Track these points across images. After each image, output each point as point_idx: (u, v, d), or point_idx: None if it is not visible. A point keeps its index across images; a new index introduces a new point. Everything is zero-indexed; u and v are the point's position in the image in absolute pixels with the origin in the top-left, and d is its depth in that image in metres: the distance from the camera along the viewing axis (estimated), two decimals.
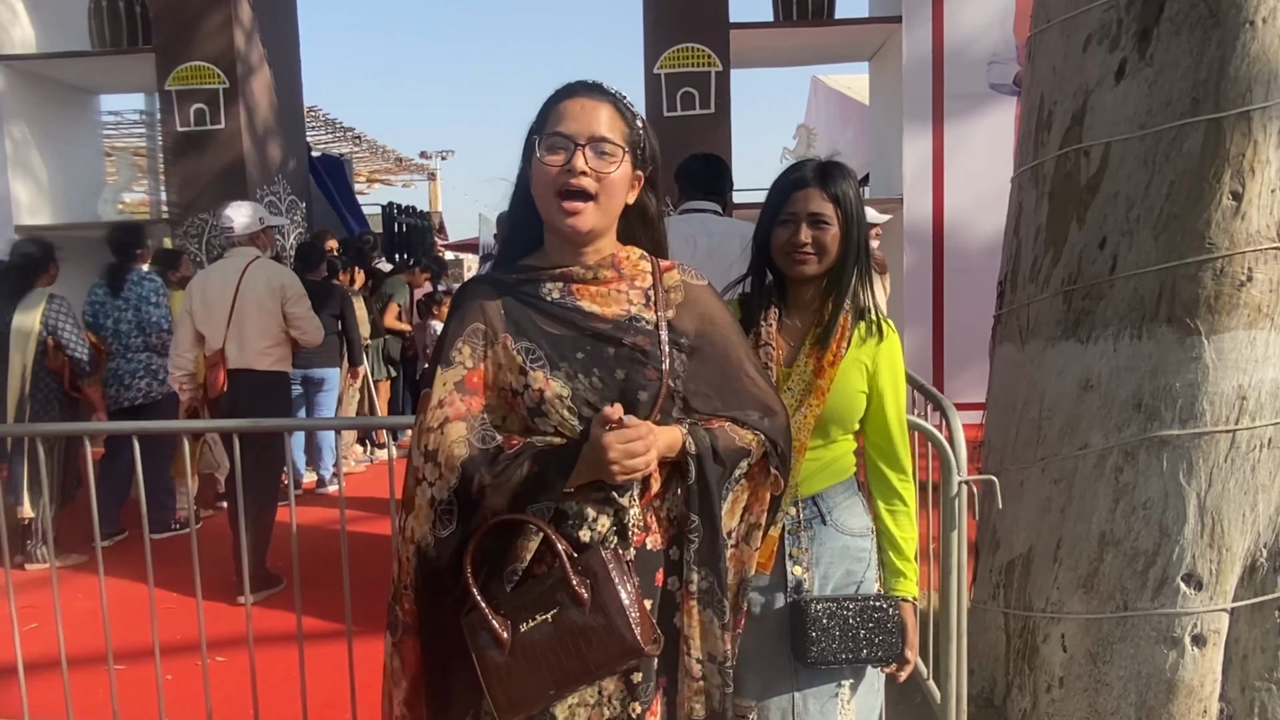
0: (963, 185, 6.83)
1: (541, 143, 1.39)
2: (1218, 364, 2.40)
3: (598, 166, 1.37)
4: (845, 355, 1.72)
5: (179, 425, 4.79)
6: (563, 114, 1.39)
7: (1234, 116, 2.37)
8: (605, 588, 1.31)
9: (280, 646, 3.26)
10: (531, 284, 1.44)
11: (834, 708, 1.70)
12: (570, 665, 1.32)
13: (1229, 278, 2.39)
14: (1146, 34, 2.47)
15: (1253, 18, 2.35)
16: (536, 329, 1.40)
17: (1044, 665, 2.65)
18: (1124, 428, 2.51)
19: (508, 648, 1.32)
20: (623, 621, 1.30)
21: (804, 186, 1.72)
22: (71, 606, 3.76)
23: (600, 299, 1.43)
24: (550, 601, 1.32)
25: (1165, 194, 2.45)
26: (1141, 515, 2.49)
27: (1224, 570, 2.44)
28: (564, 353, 1.39)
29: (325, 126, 13.16)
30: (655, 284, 1.47)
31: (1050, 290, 2.70)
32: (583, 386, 1.37)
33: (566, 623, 1.31)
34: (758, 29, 6.99)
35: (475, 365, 1.40)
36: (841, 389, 1.71)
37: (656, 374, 1.40)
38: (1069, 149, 2.65)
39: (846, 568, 1.73)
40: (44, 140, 7.54)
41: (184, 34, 6.91)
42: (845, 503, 1.76)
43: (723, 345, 1.49)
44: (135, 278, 5.02)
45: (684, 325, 1.46)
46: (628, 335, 1.41)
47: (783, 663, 1.69)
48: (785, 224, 1.72)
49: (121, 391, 4.92)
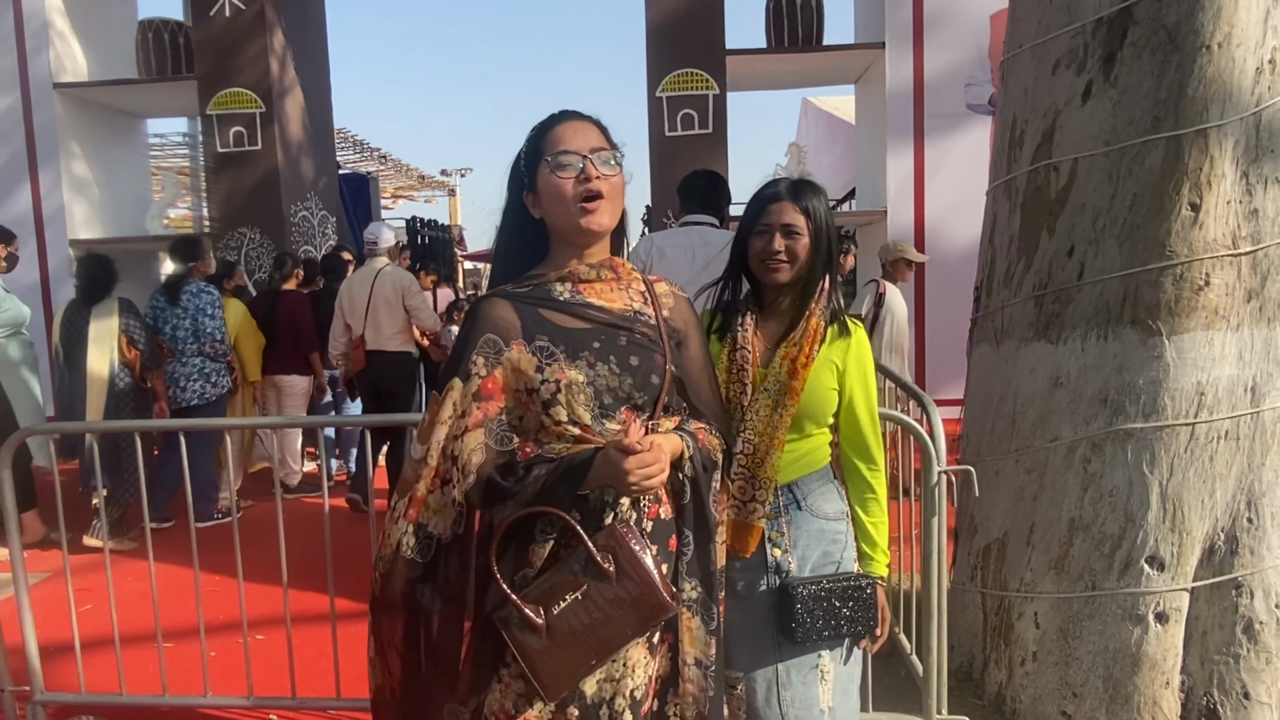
0: (942, 198, 6.83)
1: (551, 164, 1.42)
2: (1178, 362, 2.40)
3: (605, 172, 1.42)
4: (818, 355, 1.73)
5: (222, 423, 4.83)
6: (562, 136, 1.44)
7: (1192, 134, 2.37)
8: (629, 557, 1.33)
9: (315, 625, 3.27)
10: (542, 289, 1.46)
11: (814, 677, 1.71)
12: (608, 634, 1.33)
13: (1188, 283, 2.39)
14: (1111, 58, 2.47)
15: (1209, 42, 2.35)
16: (553, 326, 1.42)
17: (1018, 641, 2.65)
18: (1091, 421, 2.51)
19: (544, 632, 1.33)
20: (650, 584, 1.33)
21: (778, 200, 1.75)
22: (123, 589, 3.77)
23: (605, 295, 1.47)
24: (576, 582, 1.34)
25: (1129, 205, 2.45)
26: (1108, 502, 2.49)
27: (1184, 552, 2.44)
28: (582, 343, 1.41)
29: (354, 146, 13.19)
30: (649, 288, 1.53)
31: (1023, 295, 2.70)
32: (602, 373, 1.40)
33: (597, 597, 1.33)
34: (752, 55, 6.99)
35: (489, 373, 1.41)
36: (814, 387, 1.72)
37: (663, 359, 1.45)
38: (1040, 164, 2.65)
39: (823, 549, 1.74)
40: (96, 161, 7.58)
41: (224, 63, 6.94)
42: (820, 489, 1.77)
43: (694, 352, 1.57)
44: (194, 289, 5.06)
45: (675, 323, 1.53)
46: (635, 326, 1.45)
47: (767, 638, 1.70)
48: (761, 234, 1.74)
49: (177, 393, 4.97)
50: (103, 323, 4.67)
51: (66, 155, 7.23)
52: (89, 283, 4.75)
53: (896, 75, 6.83)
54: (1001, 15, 5.81)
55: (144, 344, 4.74)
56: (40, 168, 7.17)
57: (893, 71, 6.83)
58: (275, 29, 7.04)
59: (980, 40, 6.75)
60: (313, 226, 7.58)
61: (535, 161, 1.45)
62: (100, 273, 4.77)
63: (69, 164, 7.28)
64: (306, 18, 7.66)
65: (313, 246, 7.49)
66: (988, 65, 6.73)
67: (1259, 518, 2.43)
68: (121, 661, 2.78)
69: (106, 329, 4.67)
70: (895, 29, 6.81)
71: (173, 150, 11.23)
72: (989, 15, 6.68)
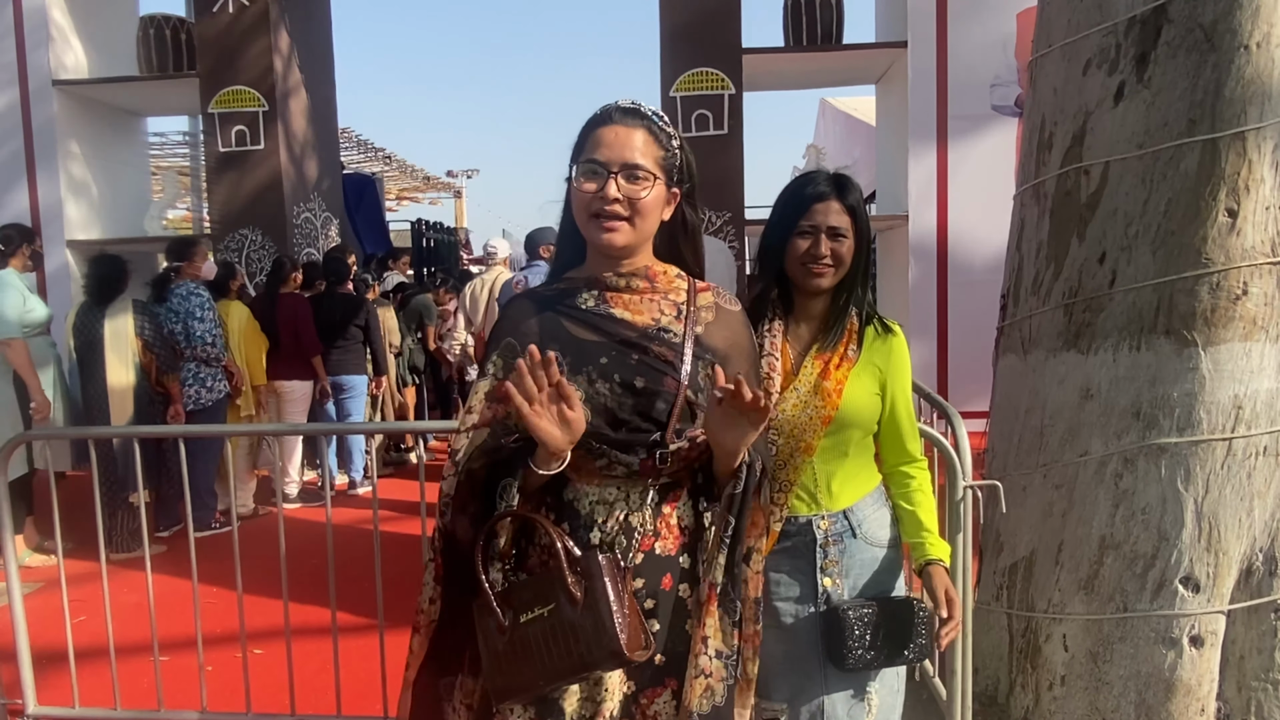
0: (966, 202, 6.81)
1: (579, 169, 1.41)
2: (1214, 374, 2.39)
3: (630, 192, 1.38)
4: (859, 359, 1.69)
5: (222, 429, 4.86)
6: (599, 141, 1.40)
7: (1229, 137, 2.36)
8: (598, 590, 1.30)
9: (315, 639, 3.28)
10: (570, 294, 1.45)
11: (861, 711, 1.67)
12: (558, 660, 1.31)
13: (1225, 291, 2.38)
14: (1144, 58, 2.47)
15: (1247, 42, 2.34)
16: (566, 335, 1.42)
17: (1046, 664, 2.63)
18: (1123, 435, 2.50)
19: (506, 635, 1.33)
20: (609, 625, 1.28)
21: (824, 199, 1.68)
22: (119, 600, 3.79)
23: (632, 307, 1.44)
24: (550, 596, 1.33)
25: (1163, 211, 2.44)
26: (1140, 520, 2.47)
27: (1220, 573, 2.42)
28: (587, 358, 1.40)
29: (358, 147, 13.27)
30: (689, 300, 1.47)
31: (1052, 303, 2.69)
32: (601, 392, 1.38)
33: (559, 619, 1.31)
34: (769, 54, 7.00)
35: (505, 376, 1.41)
36: (856, 393, 1.68)
37: (676, 384, 1.39)
38: (1069, 168, 2.64)
39: (876, 579, 1.71)
40: (95, 160, 7.65)
41: (226, 60, 7.00)
42: (874, 515, 1.73)
43: (739, 373, 1.50)
44: (184, 291, 5.09)
45: (712, 342, 1.45)
46: (653, 344, 1.41)
47: (812, 668, 1.67)
48: (805, 235, 1.68)
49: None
50: (118, 325, 4.69)
51: (65, 154, 7.29)
52: (101, 283, 4.76)
53: (919, 75, 6.82)
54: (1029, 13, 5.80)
55: (159, 347, 4.77)
56: (38, 166, 7.23)
57: (915, 71, 6.83)
58: (279, 26, 7.09)
59: (1007, 39, 6.74)
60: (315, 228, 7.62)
61: (577, 158, 1.43)
62: (112, 272, 4.78)
63: (67, 163, 7.34)
64: (311, 15, 7.72)
65: (315, 249, 7.53)
66: (1014, 65, 6.71)
67: None
68: (116, 674, 2.79)
69: (122, 332, 4.69)
70: (918, 27, 6.80)
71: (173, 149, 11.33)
72: (1016, 13, 6.66)
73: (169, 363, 4.80)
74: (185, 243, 5.58)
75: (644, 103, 1.44)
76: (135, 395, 4.70)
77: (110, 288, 4.75)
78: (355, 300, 6.11)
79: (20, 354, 4.43)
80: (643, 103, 1.44)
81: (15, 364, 4.44)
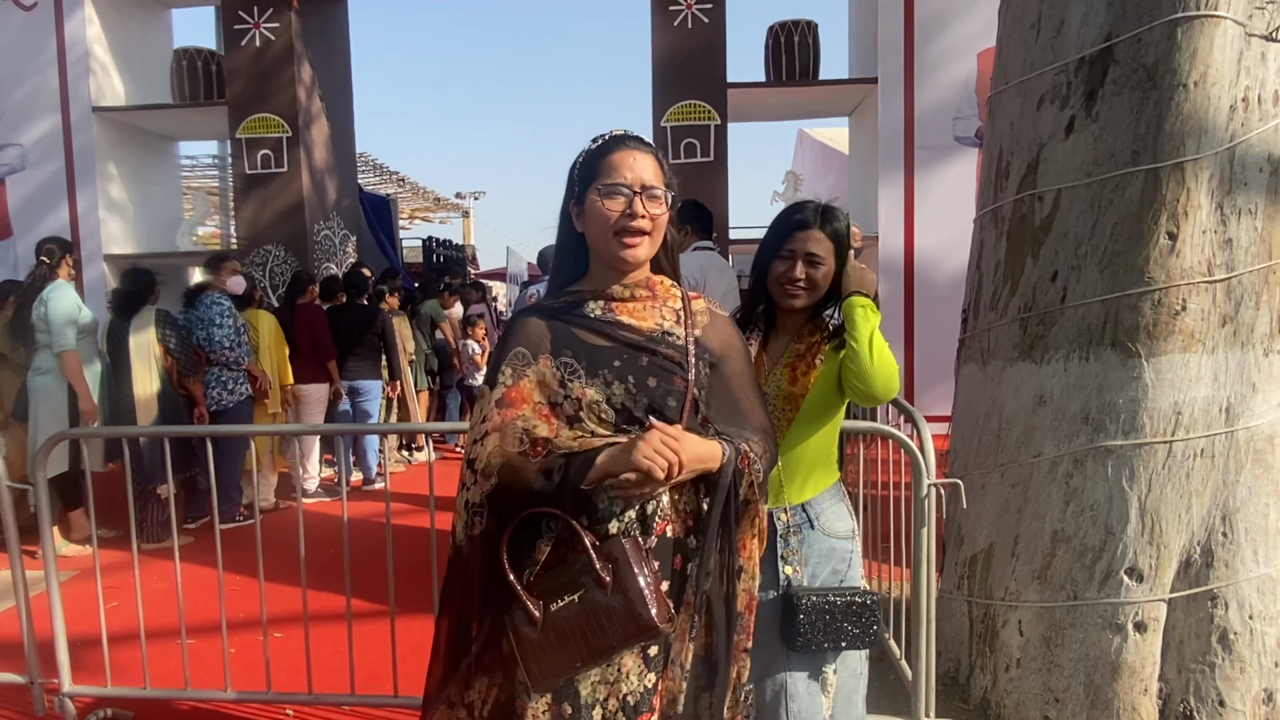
0: (931, 225, 6.85)
1: (602, 191, 1.41)
2: (1156, 383, 2.40)
3: (651, 210, 1.41)
4: (820, 368, 1.71)
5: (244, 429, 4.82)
6: (617, 165, 1.42)
7: (1169, 167, 2.38)
8: (625, 572, 1.31)
9: (331, 624, 3.26)
10: (577, 305, 1.46)
11: (818, 687, 1.69)
12: (595, 641, 1.32)
13: (1166, 307, 2.40)
14: (1093, 95, 2.49)
15: (1185, 81, 2.36)
16: (578, 342, 1.42)
17: (1003, 648, 2.64)
18: (1073, 438, 2.51)
19: (540, 625, 1.33)
20: (640, 602, 1.30)
21: (806, 227, 1.71)
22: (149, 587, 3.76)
23: (637, 314, 1.45)
24: (577, 584, 1.33)
25: (1109, 234, 2.46)
26: (1089, 516, 2.48)
27: (1162, 565, 2.43)
28: (602, 362, 1.40)
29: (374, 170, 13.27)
30: (685, 307, 1.49)
31: (1008, 317, 2.71)
32: (617, 392, 1.38)
33: (591, 603, 1.31)
34: (752, 88, 7.05)
35: (514, 383, 1.41)
36: (817, 392, 1.70)
37: (684, 383, 1.41)
38: (1025, 194, 2.66)
39: (832, 567, 1.73)
40: (130, 181, 7.63)
41: (253, 89, 7.01)
42: (831, 508, 1.75)
43: (735, 369, 1.50)
44: (208, 300, 5.08)
45: (709, 344, 1.48)
46: (660, 347, 1.42)
47: (775, 648, 1.68)
48: (784, 259, 1.71)
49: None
50: (140, 335, 4.69)
51: (103, 175, 7.28)
52: (122, 297, 4.79)
53: (888, 109, 6.87)
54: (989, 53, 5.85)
55: (179, 352, 4.75)
56: (78, 187, 7.22)
57: (885, 105, 6.87)
58: (303, 59, 7.10)
59: (968, 76, 6.80)
60: (334, 244, 7.62)
61: (588, 181, 1.44)
62: (133, 287, 4.79)
63: (105, 184, 7.32)
64: (332, 47, 7.73)
65: (334, 264, 7.52)
66: (975, 100, 6.76)
67: (1233, 532, 2.42)
68: (146, 657, 2.77)
69: (144, 341, 4.69)
70: (887, 65, 6.85)
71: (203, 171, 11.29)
72: (977, 53, 6.72)
73: (189, 366, 4.79)
74: (215, 258, 5.59)
75: (645, 136, 1.48)
76: (159, 398, 4.69)
77: (132, 302, 4.75)
78: (372, 311, 6.10)
79: (74, 364, 4.42)
80: (643, 136, 1.47)
81: (69, 374, 4.43)
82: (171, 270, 8.00)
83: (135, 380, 4.63)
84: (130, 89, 7.56)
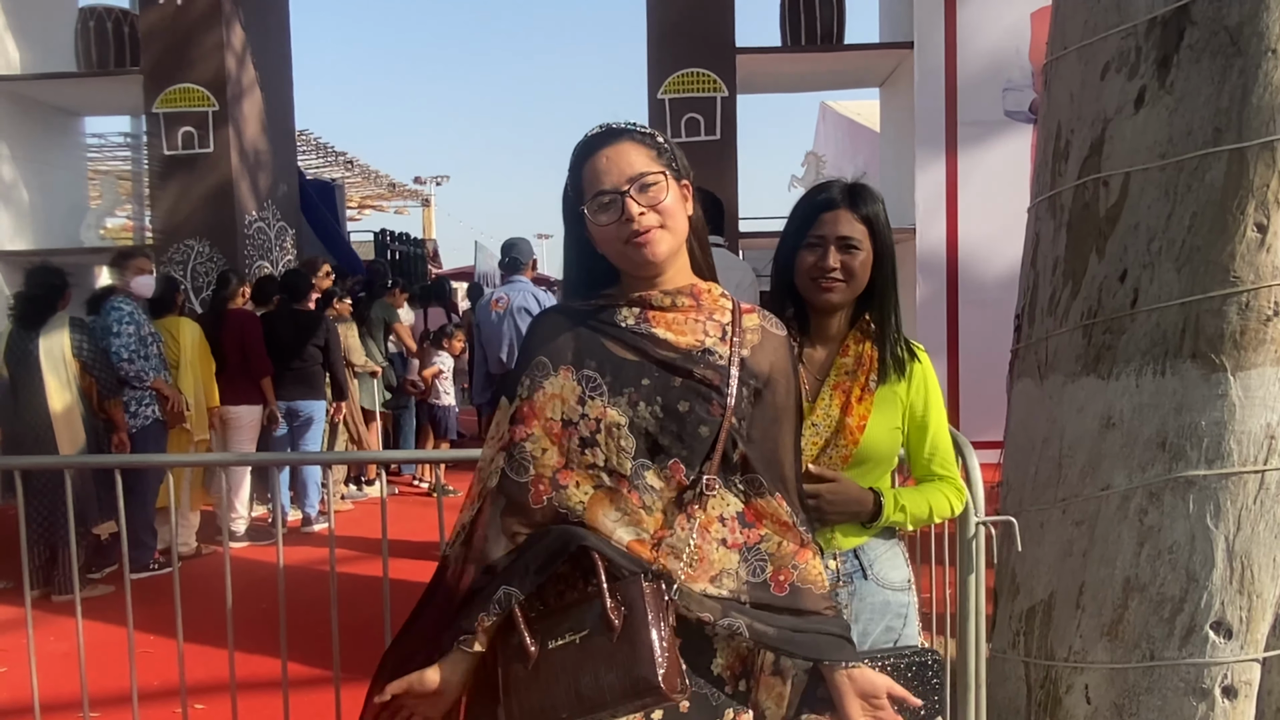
0: (977, 215, 6.88)
1: (592, 209, 1.44)
2: (1245, 401, 2.41)
3: (649, 200, 1.43)
4: (876, 389, 1.68)
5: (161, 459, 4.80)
6: (596, 172, 1.44)
7: (1258, 147, 2.40)
8: (638, 621, 1.32)
9: (264, 693, 3.24)
10: (608, 310, 1.48)
11: None
12: (587, 689, 1.32)
13: (1255, 312, 2.41)
14: (1166, 61, 2.51)
15: (1275, 45, 2.39)
16: (605, 353, 1.44)
17: (1067, 717, 2.63)
18: (1148, 467, 2.51)
19: (532, 661, 1.35)
20: (647, 658, 1.30)
21: (832, 208, 1.68)
22: (45, 649, 3.74)
23: (675, 326, 1.46)
24: (582, 623, 1.35)
25: (1187, 225, 2.47)
26: (1168, 559, 2.49)
27: (1254, 618, 2.43)
28: (628, 379, 1.42)
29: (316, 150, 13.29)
30: (734, 321, 1.49)
31: (1069, 324, 2.72)
32: (643, 414, 1.40)
33: (592, 647, 1.33)
34: (765, 54, 7.08)
35: (529, 396, 1.44)
36: (876, 426, 1.67)
37: (720, 410, 1.41)
38: (1087, 179, 2.68)
39: (886, 624, 1.72)
40: (26, 163, 7.62)
41: (173, 56, 7.01)
42: (886, 555, 1.74)
43: (776, 402, 1.49)
44: (109, 305, 5.05)
45: (757, 366, 1.47)
46: (697, 367, 1.43)
47: None
48: (812, 247, 1.68)
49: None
50: (53, 345, 4.63)
51: None
52: (28, 304, 4.71)
53: (926, 78, 6.92)
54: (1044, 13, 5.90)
55: (98, 369, 4.72)
56: None
57: (922, 74, 6.92)
58: (232, 20, 7.12)
59: (1020, 40, 6.85)
60: (269, 239, 7.62)
61: (579, 202, 1.47)
62: (41, 291, 4.73)
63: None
64: (267, 7, 7.75)
65: (268, 261, 7.51)
66: (1029, 68, 6.82)
67: None
68: None
69: (58, 352, 4.63)
70: (925, 26, 6.91)
71: (113, 152, 11.31)
72: (1029, 13, 6.78)
73: (110, 386, 4.75)
74: (121, 254, 5.55)
75: (612, 121, 1.49)
76: (85, 421, 4.65)
77: (40, 309, 4.69)
78: (312, 318, 6.06)
79: None
80: (610, 122, 1.49)
81: None
82: (76, 270, 7.99)
83: (51, 398, 4.58)
84: (26, 54, 7.56)
